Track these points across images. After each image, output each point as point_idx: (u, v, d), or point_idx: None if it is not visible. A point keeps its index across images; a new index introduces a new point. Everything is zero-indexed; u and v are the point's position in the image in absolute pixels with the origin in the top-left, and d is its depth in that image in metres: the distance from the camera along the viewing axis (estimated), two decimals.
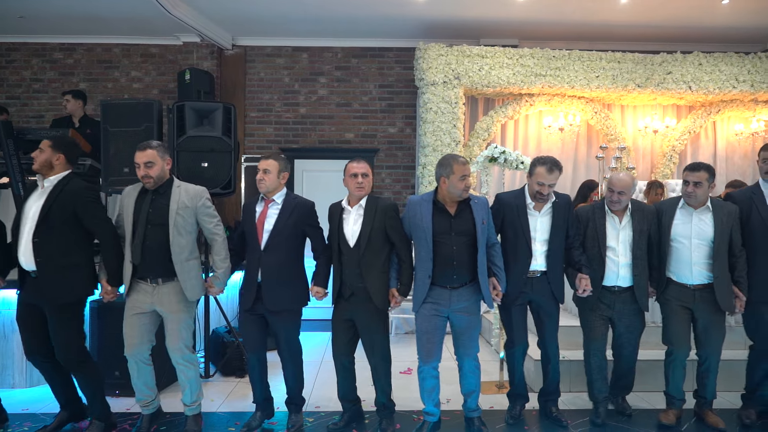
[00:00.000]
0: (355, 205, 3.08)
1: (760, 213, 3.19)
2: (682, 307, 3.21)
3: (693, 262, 3.16)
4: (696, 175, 3.12)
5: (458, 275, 2.96)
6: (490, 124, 6.36)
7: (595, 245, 3.24)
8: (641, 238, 3.21)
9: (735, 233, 3.16)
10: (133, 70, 6.81)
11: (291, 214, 3.09)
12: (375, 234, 3.01)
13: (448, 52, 6.06)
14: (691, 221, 3.18)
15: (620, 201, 3.20)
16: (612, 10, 5.85)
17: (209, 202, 3.17)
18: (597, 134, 6.66)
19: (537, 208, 3.22)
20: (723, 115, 6.65)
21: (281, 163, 3.15)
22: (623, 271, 3.21)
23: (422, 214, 2.98)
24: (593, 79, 6.13)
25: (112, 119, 3.92)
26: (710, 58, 6.24)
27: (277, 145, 6.83)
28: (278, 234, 3.06)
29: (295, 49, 6.87)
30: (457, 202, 3.01)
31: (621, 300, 3.26)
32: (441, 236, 2.96)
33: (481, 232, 2.98)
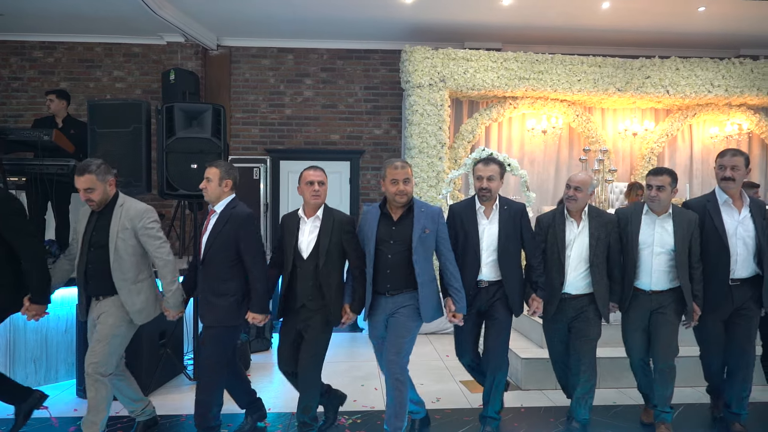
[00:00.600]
0: (312, 216, 2.94)
1: (713, 221, 3.13)
2: (640, 315, 3.15)
3: (653, 270, 3.09)
4: (659, 179, 3.07)
5: (391, 284, 2.88)
6: (475, 126, 6.45)
7: (554, 251, 3.15)
8: (598, 245, 3.10)
9: (694, 243, 3.10)
10: (116, 69, 6.73)
11: (225, 225, 2.89)
12: (333, 247, 2.90)
13: (434, 55, 6.14)
14: (654, 229, 3.11)
15: (576, 197, 3.09)
16: (593, 16, 5.99)
17: (153, 223, 2.96)
18: (579, 137, 6.80)
19: (486, 213, 3.12)
20: (699, 118, 6.86)
21: (223, 169, 2.96)
22: (577, 276, 3.11)
23: (371, 222, 2.93)
24: (575, 82, 6.27)
25: (99, 120, 3.89)
26: (687, 63, 6.43)
27: (262, 146, 6.82)
28: (211, 247, 2.89)
29: (281, 50, 6.87)
30: (401, 209, 2.92)
31: (574, 307, 3.14)
32: (381, 244, 2.89)
33: (418, 241, 2.86)
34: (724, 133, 6.90)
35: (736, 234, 3.09)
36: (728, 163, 3.10)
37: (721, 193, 3.15)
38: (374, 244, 2.88)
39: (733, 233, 3.09)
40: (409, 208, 2.93)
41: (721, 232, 3.08)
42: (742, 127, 6.82)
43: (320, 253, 2.87)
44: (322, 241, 2.88)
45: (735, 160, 3.09)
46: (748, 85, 6.47)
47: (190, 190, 3.95)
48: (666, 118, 6.89)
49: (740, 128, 6.83)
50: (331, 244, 2.89)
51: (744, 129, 6.83)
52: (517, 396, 3.87)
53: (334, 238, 2.90)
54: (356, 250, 2.95)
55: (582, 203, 3.12)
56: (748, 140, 6.97)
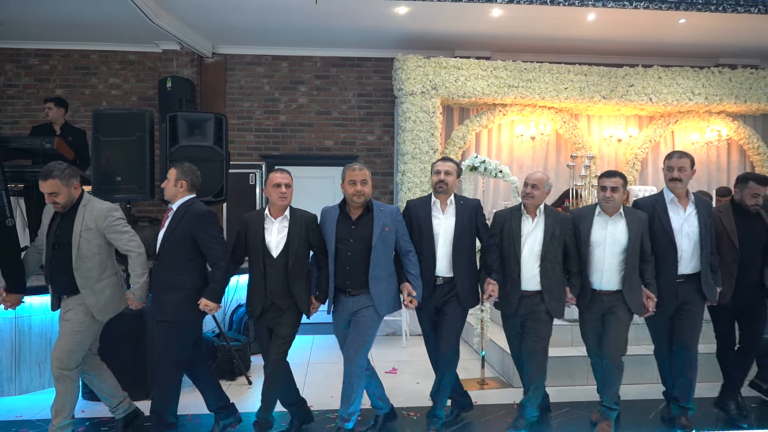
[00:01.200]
0: (279, 216, 3.08)
1: (660, 220, 3.26)
2: (592, 315, 3.28)
3: (605, 269, 3.19)
4: (612, 180, 3.18)
5: (351, 281, 3.03)
6: (466, 132, 6.63)
7: (510, 245, 3.23)
8: (552, 241, 3.20)
9: (645, 239, 3.22)
10: (112, 76, 6.79)
11: (180, 222, 3.01)
12: (301, 245, 3.06)
13: (426, 64, 6.31)
14: (606, 228, 3.22)
15: (533, 194, 3.20)
16: (579, 27, 6.21)
17: (118, 219, 3.05)
18: (566, 143, 7.01)
19: (442, 208, 3.25)
20: (680, 125, 7.11)
21: (179, 170, 3.12)
22: (532, 271, 3.20)
23: (330, 221, 3.09)
24: (562, 90, 6.48)
25: (103, 128, 3.97)
26: (669, 72, 6.68)
27: (257, 152, 6.93)
28: (166, 242, 3.01)
29: (275, 57, 6.99)
30: (359, 208, 3.08)
31: (533, 302, 3.21)
32: (341, 242, 3.05)
33: (379, 238, 3.01)
34: (704, 140, 7.16)
35: (681, 231, 3.25)
36: (675, 165, 3.26)
37: (668, 193, 3.30)
38: (334, 241, 3.05)
39: (679, 230, 3.24)
40: (368, 208, 3.09)
41: (668, 230, 3.24)
42: (721, 134, 7.08)
43: (290, 252, 3.03)
44: (292, 240, 3.04)
45: (682, 161, 3.26)
46: (726, 93, 6.73)
47: None
48: (649, 124, 7.13)
49: (720, 135, 7.09)
50: (299, 243, 3.06)
51: (723, 135, 7.09)
52: (509, 393, 4.03)
53: (303, 237, 3.07)
54: (321, 245, 3.13)
55: (538, 200, 3.23)
56: (727, 146, 7.24)
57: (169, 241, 3.01)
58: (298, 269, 3.06)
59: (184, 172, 3.14)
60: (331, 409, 3.67)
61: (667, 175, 3.31)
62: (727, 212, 3.44)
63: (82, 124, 6.64)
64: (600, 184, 3.24)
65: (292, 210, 3.12)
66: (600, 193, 3.24)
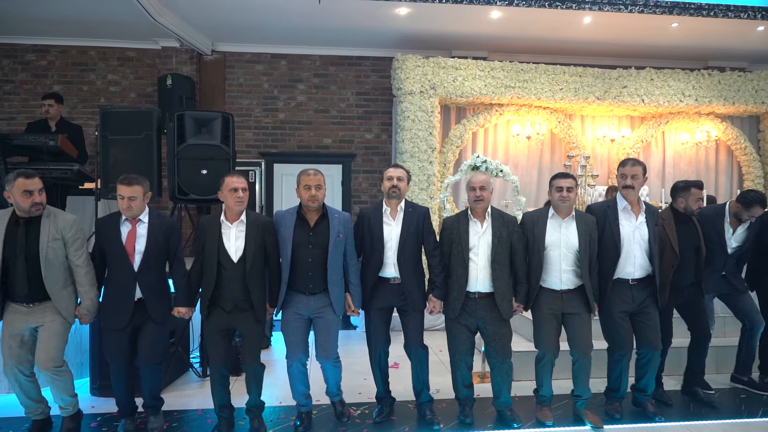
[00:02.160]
0: (236, 221, 3.09)
1: (611, 226, 3.29)
2: (552, 312, 3.27)
3: (562, 270, 3.23)
4: (568, 181, 3.22)
5: (314, 284, 3.13)
6: (463, 132, 6.72)
7: (459, 250, 3.24)
8: (500, 244, 3.20)
9: (593, 243, 3.26)
10: (110, 73, 6.79)
11: (159, 233, 3.13)
12: (258, 249, 3.08)
13: (425, 64, 6.39)
14: (560, 231, 3.25)
15: (482, 196, 3.21)
16: (575, 29, 6.34)
17: (79, 233, 3.12)
18: (560, 142, 7.15)
19: (392, 215, 3.32)
20: (671, 126, 7.28)
21: (145, 185, 3.13)
22: (482, 275, 3.21)
23: (286, 225, 3.13)
24: (557, 91, 6.61)
25: (111, 127, 4.02)
26: (660, 74, 6.84)
27: (256, 150, 6.98)
28: (151, 255, 3.11)
29: (274, 56, 7.04)
30: (316, 214, 3.16)
31: (482, 307, 3.22)
32: (300, 248, 3.10)
33: (334, 245, 3.13)
34: (694, 140, 7.34)
35: (633, 238, 3.30)
36: (629, 172, 3.30)
37: (622, 200, 3.34)
38: (291, 246, 3.10)
39: (630, 237, 3.30)
40: (324, 213, 3.17)
41: (617, 236, 3.28)
42: (710, 135, 7.27)
43: (247, 257, 3.05)
44: (249, 244, 3.06)
45: (635, 169, 3.30)
46: (715, 95, 6.91)
47: (200, 194, 4.12)
48: (641, 125, 7.28)
49: (708, 135, 7.27)
50: (256, 247, 3.08)
51: (712, 136, 7.28)
52: None
53: (259, 241, 3.10)
54: (275, 250, 3.17)
55: (488, 202, 3.27)
56: (715, 146, 7.42)
57: (154, 250, 3.12)
58: (255, 273, 3.09)
59: (147, 185, 3.17)
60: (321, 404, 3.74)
61: (620, 182, 3.35)
62: (669, 220, 3.53)
63: (80, 120, 6.66)
64: (555, 185, 3.26)
65: (248, 213, 3.14)
66: (556, 194, 3.25)
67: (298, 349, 3.20)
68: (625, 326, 3.36)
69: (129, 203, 3.04)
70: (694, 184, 3.54)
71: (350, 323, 5.91)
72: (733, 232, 3.81)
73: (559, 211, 3.28)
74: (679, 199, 3.57)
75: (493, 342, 3.27)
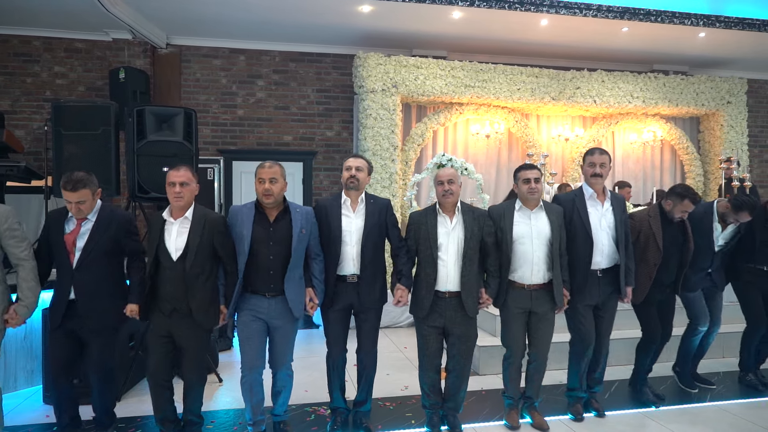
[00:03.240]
0: (180, 217, 2.89)
1: (580, 216, 3.29)
2: (520, 311, 3.23)
3: (534, 261, 3.17)
4: (534, 172, 3.19)
5: (275, 284, 2.91)
6: (424, 130, 6.79)
7: (427, 247, 3.10)
8: (472, 239, 3.09)
9: (562, 233, 3.24)
10: (57, 65, 6.44)
11: (107, 229, 2.91)
12: (203, 248, 2.86)
13: (386, 62, 6.41)
14: (530, 222, 3.20)
15: (452, 190, 3.09)
16: (533, 31, 6.52)
17: (17, 224, 2.87)
18: (517, 141, 7.34)
19: (352, 207, 3.16)
20: (620, 126, 7.61)
21: (93, 187, 2.90)
22: (453, 273, 3.08)
23: (243, 221, 2.91)
24: (515, 91, 6.78)
25: (65, 122, 3.82)
26: (611, 76, 7.14)
27: (214, 147, 6.81)
28: (92, 251, 2.87)
29: (233, 50, 6.88)
30: (275, 208, 2.95)
31: (452, 306, 3.09)
32: (260, 244, 2.89)
33: (298, 241, 2.93)
34: (641, 140, 7.70)
35: (600, 225, 3.32)
36: (597, 161, 3.32)
37: (588, 188, 3.36)
38: (249, 243, 2.88)
39: (597, 225, 3.31)
40: (285, 209, 2.98)
41: (586, 224, 3.29)
42: (656, 135, 7.65)
43: (188, 256, 2.84)
44: (192, 243, 2.85)
45: (603, 158, 3.33)
46: (661, 98, 7.28)
47: (162, 192, 3.96)
48: (593, 125, 7.58)
49: (655, 135, 7.66)
50: (201, 246, 2.86)
51: (658, 136, 7.67)
52: (476, 381, 4.22)
53: (205, 239, 2.88)
54: (228, 249, 2.94)
55: (457, 197, 3.14)
56: (661, 146, 7.82)
57: (97, 249, 2.88)
58: (198, 274, 2.86)
59: (95, 183, 2.93)
60: (307, 402, 3.72)
61: (588, 171, 3.35)
62: (655, 217, 3.55)
63: (23, 114, 6.32)
64: (522, 177, 3.21)
65: (196, 209, 2.94)
66: (524, 186, 3.19)
67: (257, 357, 2.95)
68: (588, 319, 3.38)
69: (78, 207, 2.84)
70: (691, 198, 3.45)
71: (312, 322, 5.86)
72: (722, 230, 3.86)
73: (527, 202, 3.22)
74: (668, 201, 3.54)
75: (458, 343, 3.14)
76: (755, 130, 8.24)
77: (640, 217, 3.58)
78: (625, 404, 3.74)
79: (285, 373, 3.07)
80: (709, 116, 7.74)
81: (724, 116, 7.54)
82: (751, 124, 7.90)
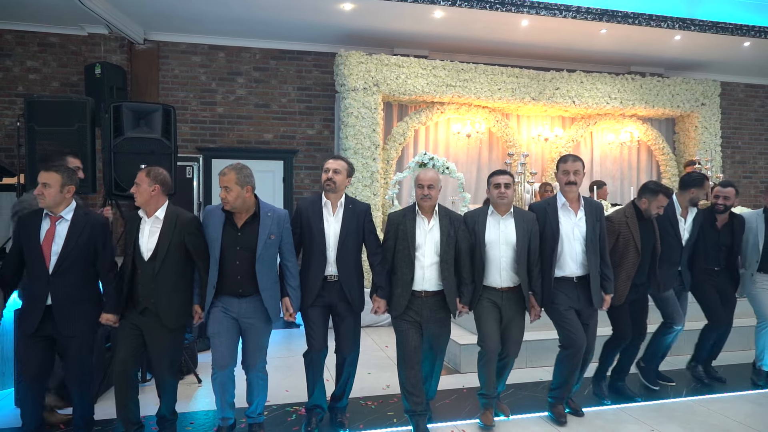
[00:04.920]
0: (152, 217, 2.88)
1: (551, 223, 3.29)
2: (492, 305, 3.24)
3: (502, 266, 3.20)
4: (505, 177, 3.22)
5: (244, 288, 2.91)
6: (406, 129, 6.80)
7: (405, 247, 3.14)
8: (448, 242, 3.14)
9: (533, 241, 3.24)
10: (29, 59, 6.28)
11: (82, 233, 2.85)
12: (173, 248, 2.85)
13: (368, 60, 6.40)
14: (499, 228, 3.24)
15: (430, 195, 3.12)
16: (514, 31, 6.57)
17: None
18: (498, 141, 7.40)
19: (332, 209, 3.17)
20: (598, 126, 7.73)
21: (65, 175, 2.83)
22: (429, 273, 3.12)
23: (214, 225, 2.91)
24: (496, 91, 6.83)
25: (39, 117, 3.72)
26: (589, 77, 7.24)
27: (193, 144, 6.71)
28: (68, 255, 2.81)
29: (212, 47, 6.79)
30: (244, 214, 2.93)
31: (428, 306, 3.14)
32: (228, 250, 2.89)
33: (264, 247, 2.90)
34: (618, 140, 7.83)
35: (573, 234, 3.30)
36: (571, 168, 3.30)
37: (561, 197, 3.35)
38: (220, 248, 2.88)
39: (570, 234, 3.29)
40: (255, 214, 2.94)
41: (556, 233, 3.28)
42: (633, 135, 7.78)
43: (157, 257, 2.83)
44: (162, 243, 2.84)
45: (576, 165, 3.32)
46: (638, 99, 7.41)
47: None
48: (572, 125, 7.68)
49: (632, 136, 7.79)
50: (171, 246, 2.85)
51: (635, 137, 7.80)
52: (458, 379, 4.25)
53: (176, 239, 2.86)
54: (200, 250, 2.92)
55: (435, 200, 3.16)
56: (637, 147, 7.96)
57: (73, 255, 2.82)
58: (166, 275, 2.85)
59: (70, 177, 2.87)
60: (289, 402, 3.70)
61: (562, 179, 3.33)
62: (632, 218, 3.55)
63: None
64: (493, 182, 3.25)
65: (169, 208, 2.92)
66: (494, 191, 3.23)
67: (228, 354, 2.93)
68: (575, 321, 3.31)
69: (42, 190, 2.76)
70: (664, 191, 3.50)
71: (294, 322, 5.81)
72: (685, 223, 3.94)
73: (498, 208, 3.26)
74: (643, 199, 3.54)
75: (431, 339, 3.21)
76: (728, 132, 8.43)
77: (618, 219, 3.57)
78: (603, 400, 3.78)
79: (257, 375, 3.04)
80: (684, 118, 7.90)
81: (699, 118, 7.71)
82: (724, 125, 8.08)
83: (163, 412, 3.07)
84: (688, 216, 3.95)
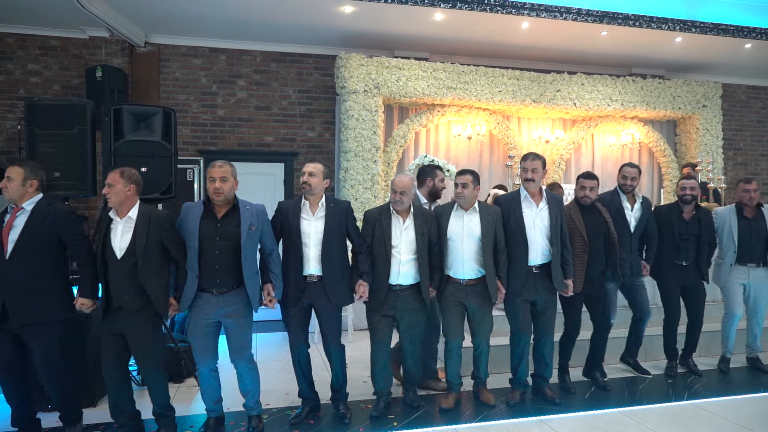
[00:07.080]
0: (125, 216, 2.97)
1: (515, 215, 3.54)
2: (456, 303, 3.50)
3: (464, 258, 3.44)
4: (463, 178, 3.45)
5: (221, 279, 2.99)
6: (406, 131, 6.80)
7: (381, 245, 3.37)
8: (423, 239, 3.40)
9: (499, 232, 3.49)
10: (30, 62, 6.29)
11: (42, 223, 2.91)
12: (151, 245, 2.93)
13: (369, 63, 6.40)
14: (463, 221, 3.46)
15: (402, 201, 3.37)
16: (514, 33, 6.57)
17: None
18: (499, 143, 7.39)
19: (312, 210, 3.30)
20: (599, 128, 7.71)
21: (27, 169, 2.96)
22: (404, 269, 3.38)
23: (192, 218, 3.01)
24: (497, 93, 6.83)
25: (39, 121, 3.72)
26: (590, 79, 7.23)
27: (194, 147, 6.71)
28: (23, 244, 2.87)
29: (212, 50, 6.79)
30: (224, 206, 3.04)
31: (402, 298, 3.41)
32: (207, 240, 2.97)
33: (247, 238, 3.02)
34: (620, 142, 7.81)
35: (534, 225, 3.55)
36: (529, 166, 3.56)
37: (523, 190, 3.61)
38: (198, 239, 2.97)
39: (532, 224, 3.54)
40: (234, 206, 3.07)
41: (521, 224, 3.53)
42: (634, 137, 7.77)
43: (137, 254, 2.90)
44: (138, 241, 2.91)
45: (535, 163, 3.57)
46: (639, 101, 7.39)
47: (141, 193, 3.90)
48: (573, 127, 7.67)
49: (633, 138, 7.77)
50: (148, 243, 2.92)
51: (636, 139, 7.78)
52: None
53: (152, 237, 2.94)
54: (177, 244, 3.02)
55: (407, 204, 3.42)
56: (639, 149, 7.94)
57: (29, 243, 2.87)
58: (150, 272, 2.93)
59: (33, 171, 2.98)
60: (289, 406, 3.68)
61: (522, 175, 3.60)
62: (574, 209, 3.82)
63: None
64: (455, 181, 3.52)
65: (141, 208, 3.00)
66: (454, 190, 3.51)
67: (205, 355, 3.09)
68: (525, 312, 3.61)
69: (5, 183, 2.90)
70: (582, 176, 3.87)
71: None
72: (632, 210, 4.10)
73: (460, 205, 3.50)
74: (575, 188, 3.90)
75: (408, 329, 3.50)
76: (729, 134, 8.41)
77: (565, 212, 3.77)
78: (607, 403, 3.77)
79: (246, 367, 3.18)
80: (686, 119, 7.88)
81: (700, 119, 7.69)
82: (726, 127, 8.05)
83: (158, 410, 3.14)
84: (635, 203, 4.12)
